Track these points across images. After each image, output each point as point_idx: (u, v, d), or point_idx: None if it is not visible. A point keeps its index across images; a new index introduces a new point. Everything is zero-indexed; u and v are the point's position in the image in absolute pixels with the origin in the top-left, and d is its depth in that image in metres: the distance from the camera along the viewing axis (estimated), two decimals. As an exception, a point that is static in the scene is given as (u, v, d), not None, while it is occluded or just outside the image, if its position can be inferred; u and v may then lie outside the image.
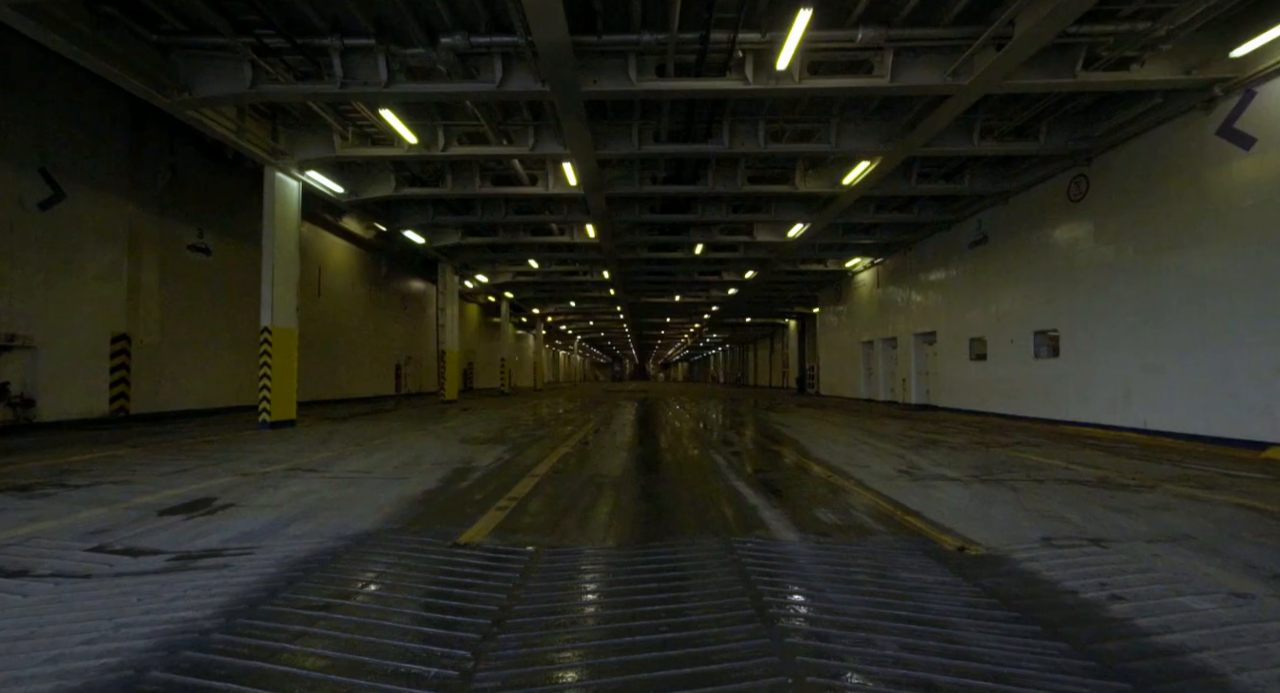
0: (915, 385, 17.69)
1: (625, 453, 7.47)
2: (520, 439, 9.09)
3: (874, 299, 21.05)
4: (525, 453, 7.50)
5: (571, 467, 6.42)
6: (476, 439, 9.05)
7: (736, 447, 8.29)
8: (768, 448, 8.19)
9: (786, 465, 6.58)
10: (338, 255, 21.08)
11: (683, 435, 9.73)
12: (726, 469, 6.26)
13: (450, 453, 7.43)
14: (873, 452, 7.65)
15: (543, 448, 8.01)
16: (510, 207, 15.56)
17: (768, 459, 7.09)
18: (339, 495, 4.83)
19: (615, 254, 19.80)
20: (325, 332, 20.14)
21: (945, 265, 15.87)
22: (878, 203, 15.12)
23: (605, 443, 8.62)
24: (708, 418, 13.85)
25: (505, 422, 12.48)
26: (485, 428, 10.94)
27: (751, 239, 17.70)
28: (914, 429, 10.93)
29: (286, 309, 11.17)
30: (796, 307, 34.81)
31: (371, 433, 9.95)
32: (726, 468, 6.34)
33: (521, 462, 6.72)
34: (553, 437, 9.50)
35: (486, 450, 7.71)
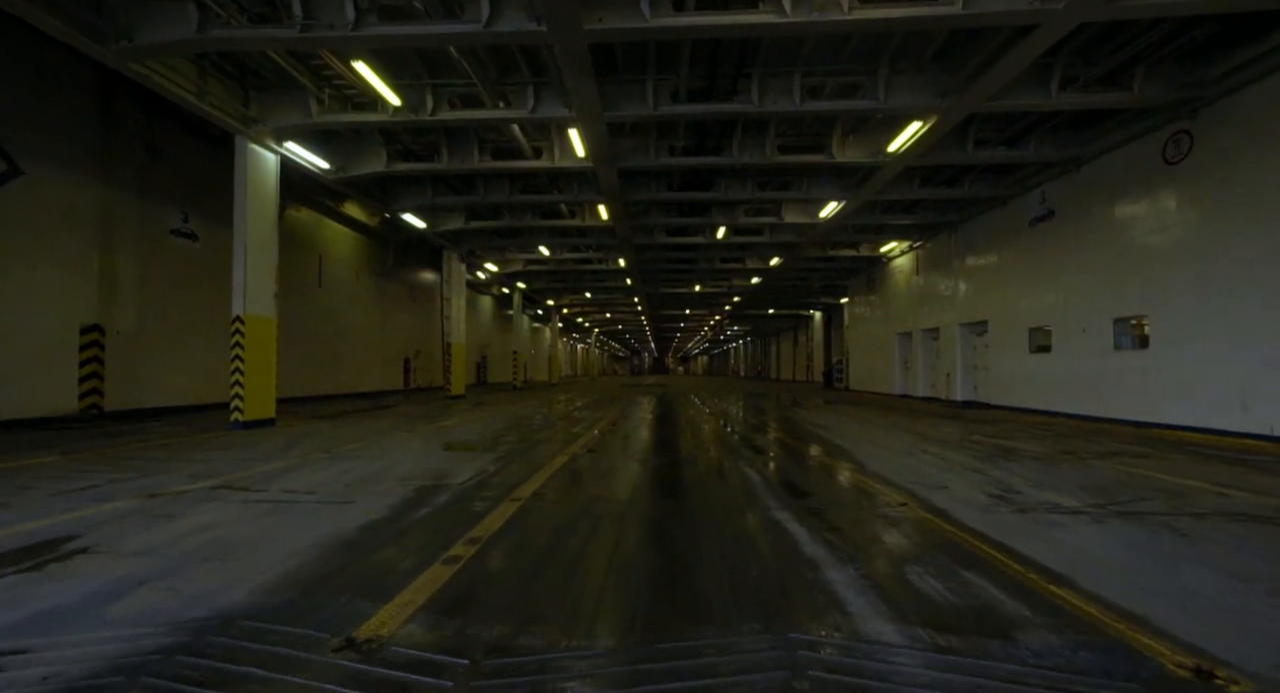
0: (961, 381, 16.05)
1: (636, 466, 6.13)
2: (516, 444, 7.81)
3: (912, 287, 19.37)
4: (515, 464, 6.21)
5: (567, 487, 5.10)
6: (465, 444, 7.80)
7: (770, 455, 6.91)
8: (809, 458, 6.78)
9: (840, 485, 5.19)
10: (340, 243, 20.05)
11: (705, 440, 8.37)
12: (763, 491, 4.89)
13: (425, 464, 6.17)
14: (941, 464, 6.21)
15: (539, 457, 6.71)
16: (515, 186, 14.26)
17: (813, 475, 5.70)
18: (245, 534, 3.57)
19: (631, 239, 18.44)
20: (327, 323, 19.14)
21: (999, 246, 14.19)
22: (923, 176, 13.50)
23: (614, 450, 7.30)
24: (732, 417, 12.46)
25: (507, 421, 11.24)
26: (482, 429, 9.70)
27: (779, 220, 16.19)
28: (974, 433, 9.42)
29: (263, 297, 10.04)
30: (823, 297, 33.15)
31: (350, 435, 8.76)
32: (763, 489, 4.97)
33: (506, 478, 5.43)
34: (555, 441, 8.21)
35: (471, 460, 6.44)
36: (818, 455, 6.94)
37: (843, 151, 11.40)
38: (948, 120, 9.55)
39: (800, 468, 6.09)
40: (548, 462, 6.34)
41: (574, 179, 14.02)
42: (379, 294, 22.90)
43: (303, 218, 17.95)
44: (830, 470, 5.91)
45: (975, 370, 15.75)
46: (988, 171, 13.11)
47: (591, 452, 7.16)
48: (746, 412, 13.99)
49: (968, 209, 15.07)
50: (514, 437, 8.70)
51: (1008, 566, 3.04)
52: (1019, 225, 13.24)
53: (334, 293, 19.65)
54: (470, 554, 3.20)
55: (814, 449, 7.47)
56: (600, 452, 7.17)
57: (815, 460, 6.58)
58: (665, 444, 7.89)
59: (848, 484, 5.20)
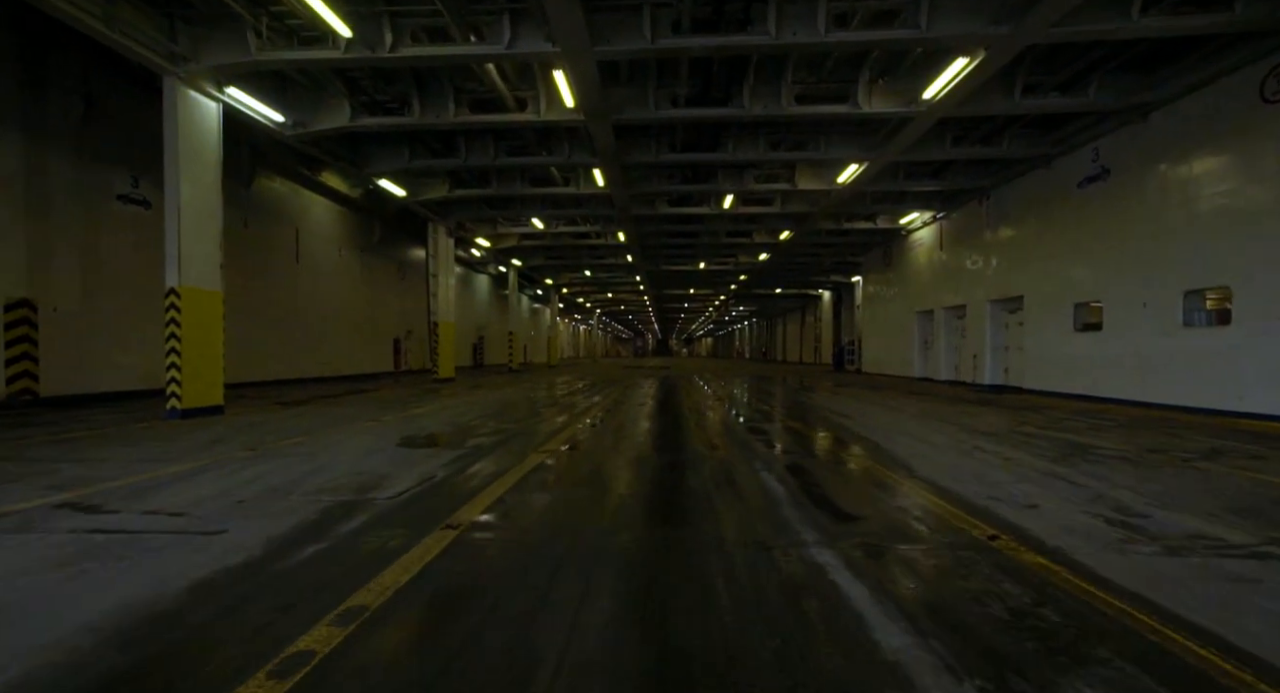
0: (990, 363, 14.72)
1: (626, 472, 4.88)
2: (488, 438, 6.57)
3: (934, 262, 17.93)
4: (476, 466, 4.96)
5: (528, 505, 3.85)
6: (429, 437, 6.56)
7: (791, 454, 5.64)
8: (840, 458, 5.51)
9: (892, 501, 3.91)
10: (319, 216, 18.69)
11: (711, 433, 7.11)
12: (792, 511, 3.62)
13: (363, 466, 4.93)
14: (1007, 466, 4.93)
15: (507, 457, 5.46)
16: (500, 146, 12.85)
17: (852, 484, 4.42)
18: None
19: (630, 210, 17.02)
20: (306, 302, 17.88)
21: (1039, 213, 12.73)
22: (957, 132, 12.01)
23: (603, 448, 6.05)
24: (741, 403, 11.20)
25: (489, 408, 10.01)
26: (455, 418, 8.46)
27: (792, 186, 14.74)
28: (1023, 423, 8.13)
29: (204, 267, 8.74)
30: (833, 275, 31.71)
31: (299, 427, 7.53)
32: (791, 508, 3.70)
33: (454, 489, 4.18)
34: (536, 433, 6.97)
35: (423, 460, 5.20)
36: (850, 455, 5.67)
37: (869, 100, 9.93)
38: (998, 56, 8.10)
39: (833, 473, 4.82)
40: (517, 464, 5.09)
41: (564, 138, 12.59)
42: (365, 271, 21.59)
43: (276, 188, 16.59)
44: (873, 477, 4.63)
45: (1006, 352, 14.40)
46: (1032, 125, 11.61)
47: (574, 449, 5.90)
48: (756, 397, 12.72)
49: (1003, 172, 13.58)
50: (489, 428, 7.46)
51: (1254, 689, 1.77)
52: (1064, 188, 11.78)
53: (314, 269, 18.36)
54: (326, 652, 1.95)
55: (842, 445, 6.20)
56: (586, 450, 5.91)
57: (849, 462, 5.31)
58: (664, 440, 6.63)
59: (903, 499, 3.93)
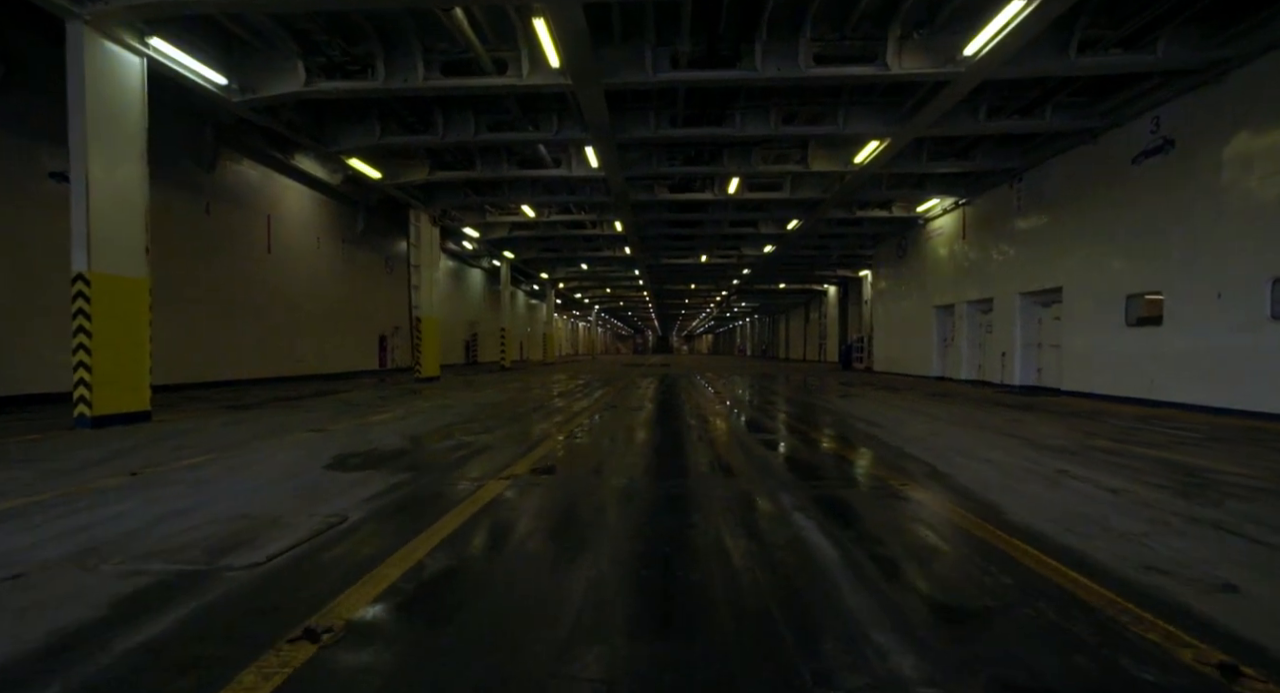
0: (1021, 361, 13.43)
1: (613, 511, 3.59)
2: (441, 456, 5.28)
3: (955, 252, 16.63)
4: (404, 502, 3.69)
5: (459, 580, 2.56)
6: (367, 455, 5.27)
7: (829, 483, 4.35)
8: (893, 492, 4.22)
9: (1004, 583, 2.61)
10: (295, 204, 17.40)
11: (721, 447, 5.82)
12: (858, 602, 2.32)
13: (258, 501, 3.65)
14: (1125, 507, 3.65)
15: (455, 489, 4.18)
16: (481, 120, 11.54)
17: (924, 541, 3.12)
18: None
19: (627, 195, 15.72)
20: (280, 296, 16.60)
21: (1082, 194, 11.42)
22: (994, 100, 10.69)
23: (586, 469, 4.76)
24: (750, 406, 9.91)
25: (464, 413, 8.72)
26: (419, 426, 7.18)
27: (804, 168, 13.44)
28: (1091, 434, 6.84)
29: (124, 250, 7.45)
30: (840, 270, 30.48)
31: (223, 439, 6.25)
32: (854, 592, 2.40)
33: (362, 544, 2.89)
34: (503, 448, 5.68)
35: (340, 493, 3.91)
36: (906, 485, 4.38)
37: (899, 60, 8.63)
38: (1056, 1, 6.81)
39: (894, 521, 3.54)
40: (466, 497, 3.81)
41: (552, 110, 11.28)
42: (347, 264, 20.30)
43: (245, 172, 15.28)
44: (952, 527, 3.35)
45: (1039, 349, 13.12)
46: (1081, 92, 10.29)
47: (548, 473, 4.62)
48: (766, 399, 11.43)
49: (1040, 150, 12.26)
50: (452, 440, 6.17)
51: None
52: (1114, 165, 10.47)
53: (288, 261, 17.07)
54: None
55: (891, 469, 4.91)
56: (563, 474, 4.63)
57: (908, 497, 4.02)
58: (663, 459, 5.35)
59: (1017, 572, 2.63)
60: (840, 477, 4.57)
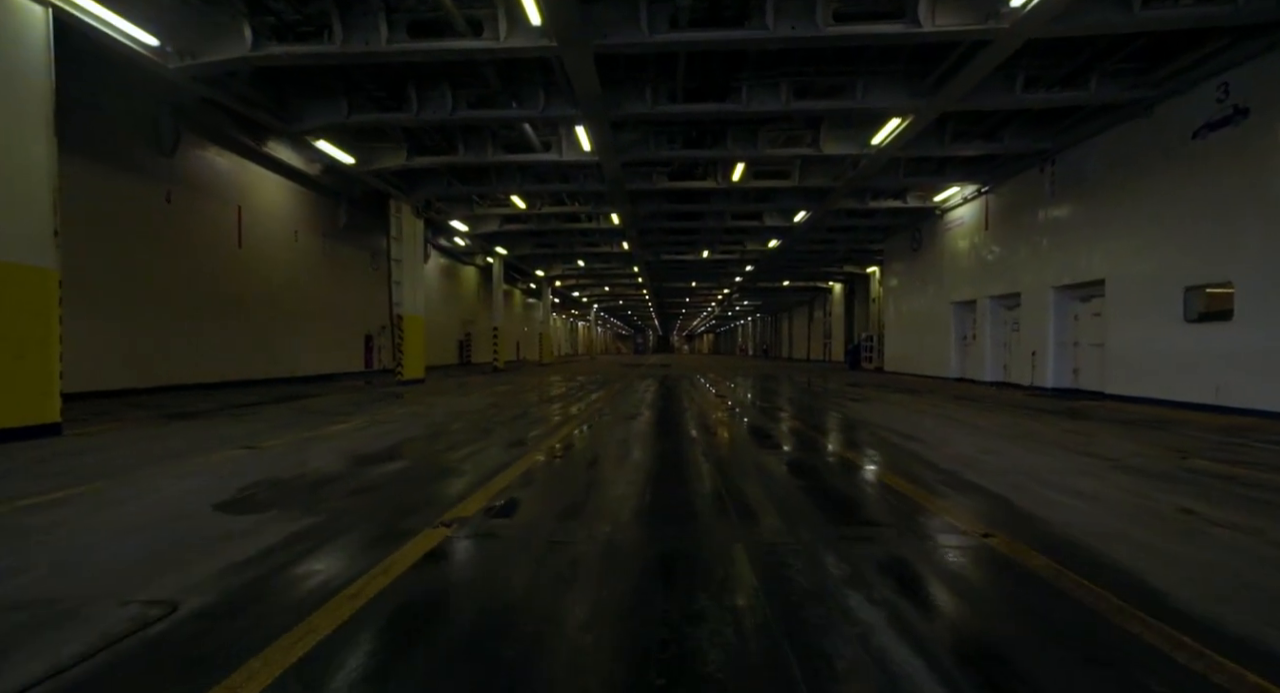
0: (1054, 361, 12.28)
1: (586, 585, 2.44)
2: (383, 486, 4.14)
3: (977, 244, 15.48)
4: (299, 570, 2.54)
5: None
6: (286, 485, 4.12)
7: (875, 520, 3.19)
8: (966, 539, 3.06)
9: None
10: (269, 195, 16.25)
11: (732, 471, 4.67)
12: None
13: (60, 577, 2.50)
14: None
15: (383, 542, 3.02)
16: (459, 95, 10.39)
17: (1066, 646, 1.99)
18: None
19: (623, 183, 14.57)
20: (253, 293, 15.46)
21: (1130, 176, 10.26)
22: (1033, 69, 9.52)
23: (562, 507, 3.61)
24: (760, 414, 8.74)
25: (435, 423, 7.56)
26: (373, 441, 6.03)
27: (816, 151, 12.28)
28: (1176, 451, 5.68)
29: (23, 234, 6.32)
30: (847, 265, 29.33)
31: (128, 460, 5.09)
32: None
33: (154, 681, 1.77)
34: (463, 473, 4.53)
35: (213, 552, 2.76)
36: (993, 539, 3.23)
37: (932, 15, 7.50)
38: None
39: (1011, 615, 2.40)
40: (392, 551, 2.66)
41: (536, 80, 10.12)
42: (329, 259, 19.17)
43: (211, 158, 14.12)
44: (1113, 632, 2.21)
45: (1075, 348, 11.96)
46: (1135, 58, 9.11)
47: (508, 516, 3.47)
48: (778, 406, 10.28)
49: (1079, 127, 11.09)
50: (397, 464, 5.02)
51: None
52: (1171, 141, 9.31)
53: (263, 255, 15.93)
54: None
55: (957, 508, 3.76)
56: (528, 515, 3.48)
57: (1011, 567, 2.88)
58: (659, 493, 4.20)
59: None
60: (895, 521, 3.42)
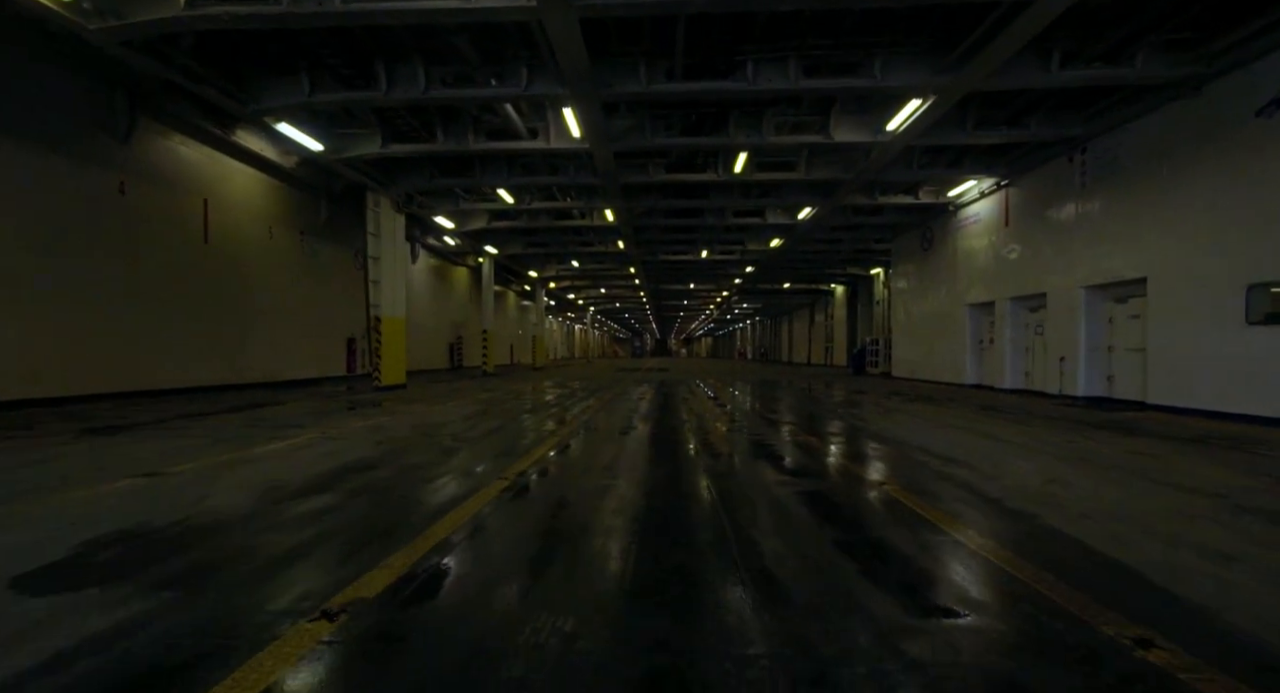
0: (1085, 368, 11.26)
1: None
2: (284, 536, 3.07)
3: (995, 241, 14.48)
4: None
5: None
6: (146, 541, 3.05)
7: (958, 603, 2.15)
8: (1108, 650, 2.02)
9: None
10: (240, 188, 15.20)
11: (743, 515, 3.60)
12: None
13: None
14: None
15: (214, 651, 1.97)
16: (432, 72, 9.36)
17: None
18: None
19: (618, 177, 13.57)
20: (222, 292, 14.41)
21: (1179, 161, 9.23)
22: (1071, 44, 8.53)
23: (507, 581, 2.56)
24: (768, 426, 7.66)
25: (397, 436, 6.49)
26: (305, 466, 4.96)
27: (826, 138, 11.27)
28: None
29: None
30: (850, 267, 28.37)
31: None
32: None
33: None
34: (397, 514, 3.48)
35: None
36: (1149, 654, 2.18)
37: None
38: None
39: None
40: None
41: (519, 54, 9.09)
42: (307, 258, 18.08)
43: (174, 147, 13.05)
44: None
45: (1110, 353, 10.94)
46: (1188, 27, 8.11)
47: (418, 602, 2.42)
48: (787, 419, 9.22)
49: (1116, 110, 10.10)
50: (320, 500, 3.96)
51: None
52: (1229, 120, 8.30)
53: (232, 252, 14.87)
54: None
55: (1063, 584, 2.70)
56: (449, 599, 2.42)
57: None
58: (648, 556, 3.14)
59: None
60: (989, 606, 2.36)
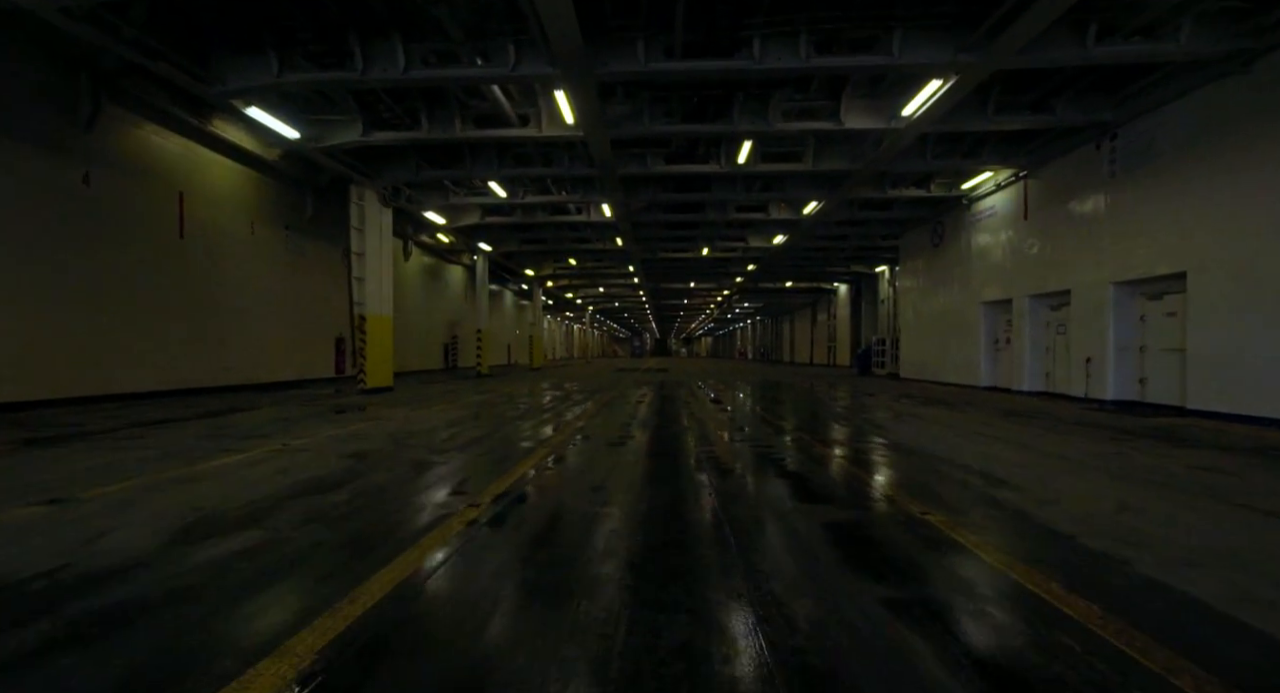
0: (1114, 370, 10.53)
1: None
2: (137, 619, 2.36)
3: (1013, 235, 13.75)
4: None
5: None
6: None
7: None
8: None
9: None
10: (219, 181, 14.45)
11: (755, 550, 2.87)
12: None
13: None
14: None
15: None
16: (413, 51, 8.62)
17: None
18: None
19: (615, 169, 12.84)
20: (198, 291, 13.67)
21: (1224, 145, 8.47)
22: (1109, 16, 7.80)
23: (436, 676, 1.84)
24: (776, 433, 6.91)
25: (374, 446, 5.76)
26: (252, 487, 4.23)
27: (836, 124, 10.54)
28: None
29: None
30: (854, 265, 27.66)
31: None
32: None
33: None
34: (335, 555, 2.75)
35: None
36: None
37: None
38: None
39: None
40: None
41: (505, 29, 8.34)
42: (292, 254, 17.31)
43: (145, 136, 12.30)
44: None
45: (1142, 354, 10.22)
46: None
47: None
48: (800, 426, 8.49)
49: (1151, 92, 9.36)
50: (252, 536, 3.22)
51: None
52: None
53: (210, 248, 14.13)
54: None
55: (1227, 684, 1.97)
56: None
57: None
58: (650, 610, 2.40)
59: None
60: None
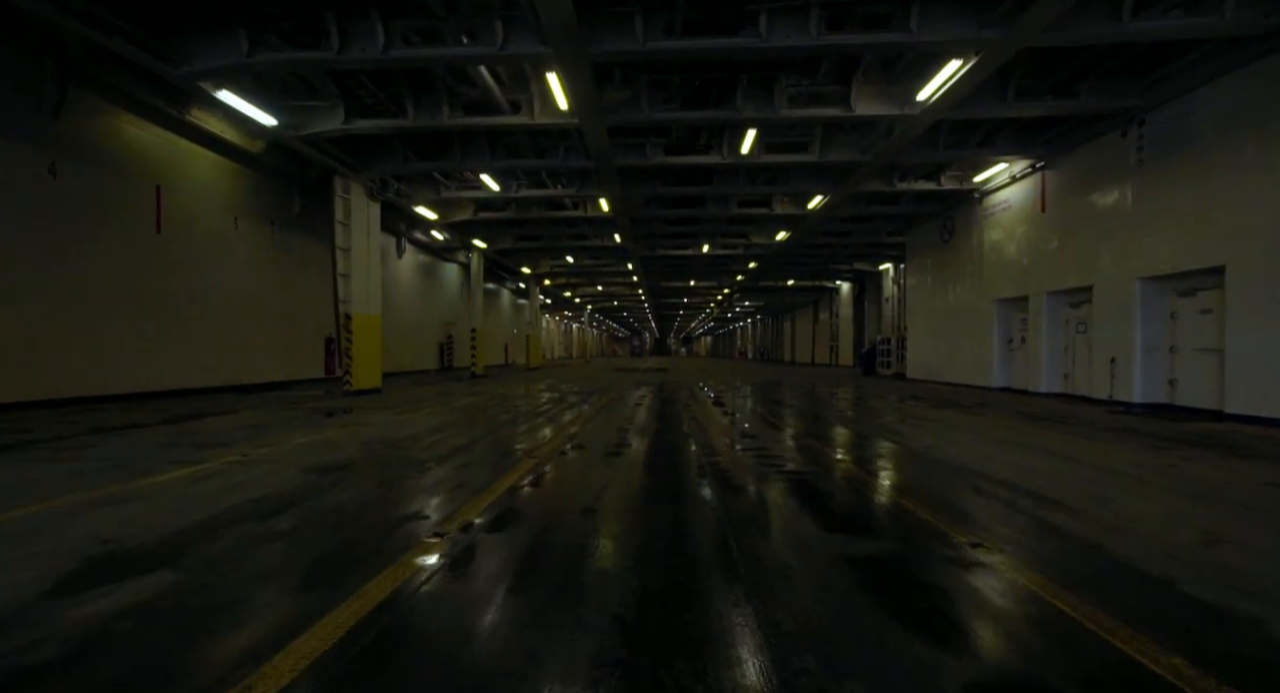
0: (1142, 371, 9.93)
1: None
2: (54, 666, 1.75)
3: (1030, 229, 13.15)
4: None
5: None
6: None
7: None
8: None
9: None
10: (199, 174, 13.82)
11: (797, 616, 2.28)
12: None
13: None
14: None
15: None
16: (393, 28, 8.00)
17: None
18: None
19: (612, 159, 12.22)
20: (179, 287, 13.06)
21: (1269, 130, 7.88)
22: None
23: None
24: (790, 445, 6.29)
25: (346, 457, 5.14)
26: (158, 524, 3.62)
27: (846, 111, 9.93)
28: None
29: None
30: (857, 263, 27.11)
31: None
32: None
33: None
34: (249, 610, 2.14)
35: None
36: None
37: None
38: None
39: None
40: None
41: (493, 4, 7.73)
42: (279, 252, 16.67)
43: (119, 126, 11.65)
44: None
45: (1173, 354, 9.62)
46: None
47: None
48: (811, 431, 7.86)
49: (1185, 74, 8.77)
50: (163, 579, 2.60)
51: None
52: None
53: (189, 243, 13.49)
54: None
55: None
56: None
57: None
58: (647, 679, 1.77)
59: None
60: None
